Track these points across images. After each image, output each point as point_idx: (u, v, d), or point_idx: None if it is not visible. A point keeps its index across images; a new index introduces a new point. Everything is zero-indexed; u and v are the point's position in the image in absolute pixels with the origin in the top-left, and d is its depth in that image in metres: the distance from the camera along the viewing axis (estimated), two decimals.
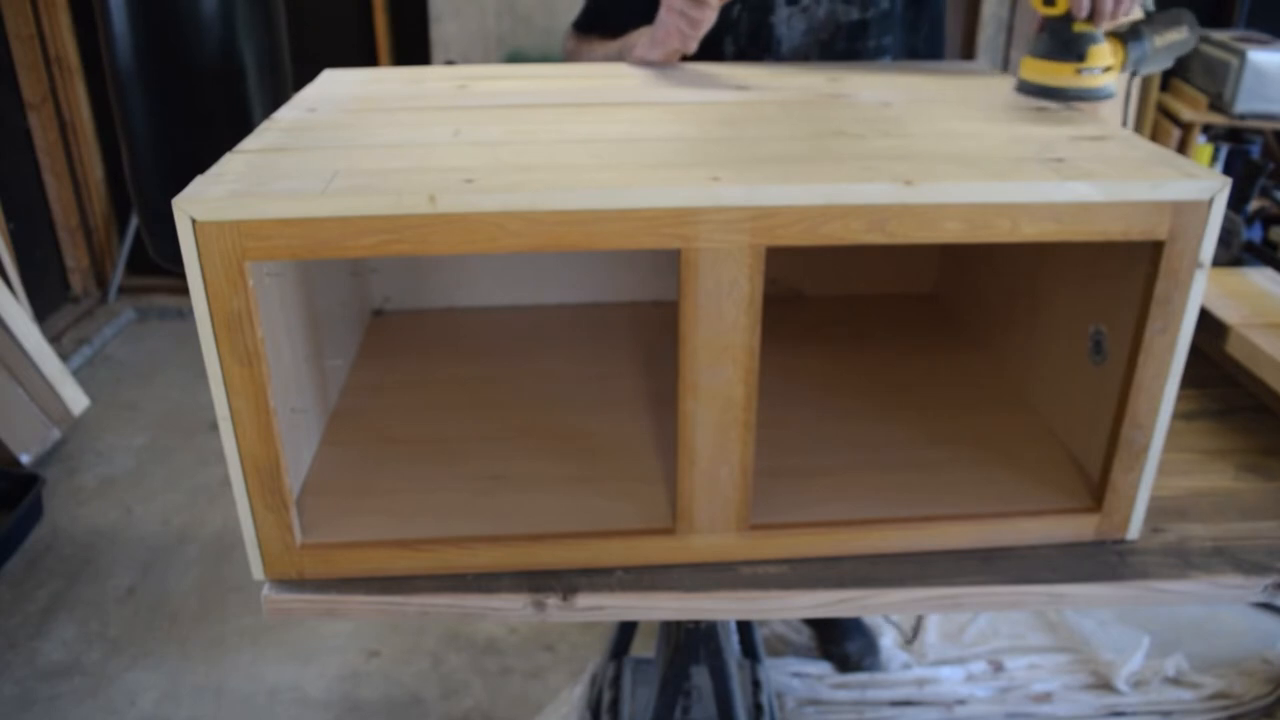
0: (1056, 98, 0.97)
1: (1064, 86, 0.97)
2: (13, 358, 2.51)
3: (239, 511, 0.79)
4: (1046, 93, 0.98)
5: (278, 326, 0.80)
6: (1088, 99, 0.97)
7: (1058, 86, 0.97)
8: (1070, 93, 0.97)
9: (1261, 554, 0.86)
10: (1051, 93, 0.97)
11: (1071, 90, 0.97)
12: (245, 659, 1.95)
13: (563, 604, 0.81)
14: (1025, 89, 1.00)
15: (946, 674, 1.89)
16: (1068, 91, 0.97)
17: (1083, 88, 0.96)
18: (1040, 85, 0.98)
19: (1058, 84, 0.97)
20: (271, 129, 0.88)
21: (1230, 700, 1.83)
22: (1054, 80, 0.97)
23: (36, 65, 3.05)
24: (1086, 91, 0.97)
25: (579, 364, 1.13)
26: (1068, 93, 0.97)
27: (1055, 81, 0.97)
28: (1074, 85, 0.96)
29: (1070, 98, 0.97)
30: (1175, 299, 0.76)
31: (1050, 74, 0.97)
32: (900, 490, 0.89)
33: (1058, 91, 0.97)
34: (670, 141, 0.83)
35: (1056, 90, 0.97)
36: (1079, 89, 0.96)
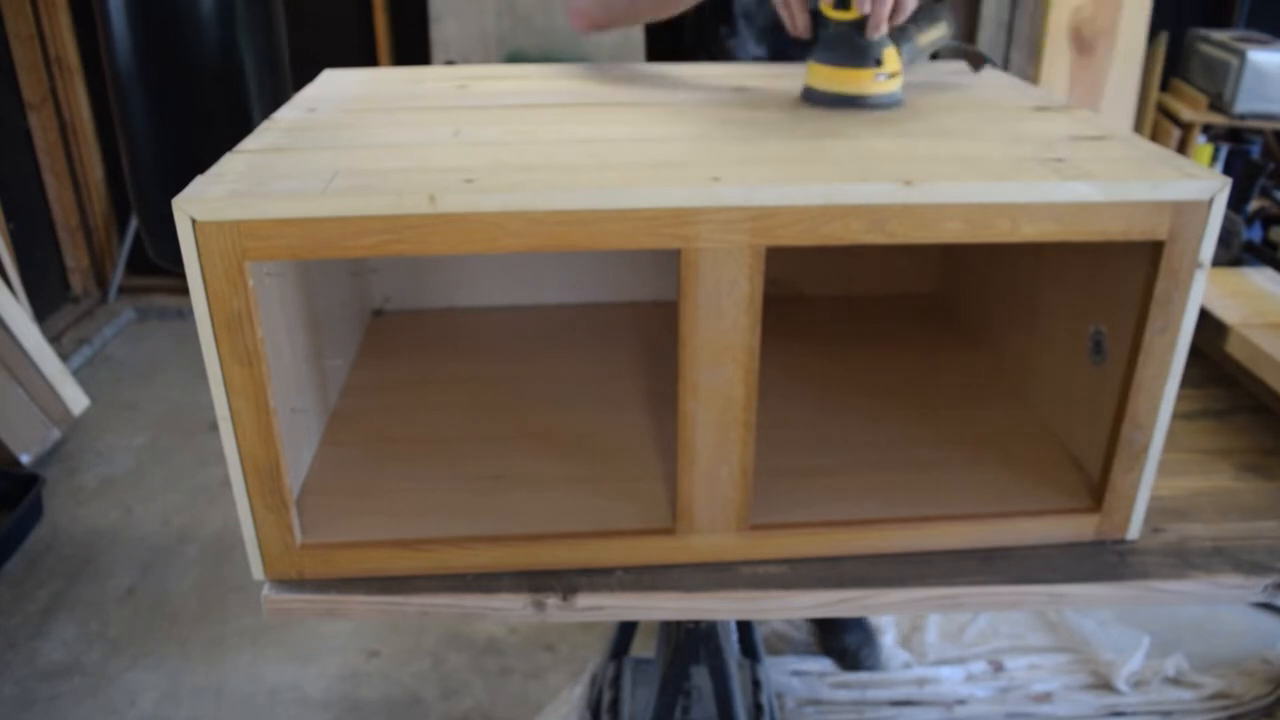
0: (856, 105, 0.94)
1: (865, 94, 0.94)
2: (13, 358, 2.51)
3: (239, 511, 0.79)
4: (846, 101, 0.95)
5: (278, 326, 0.80)
6: (887, 105, 0.95)
7: (858, 94, 0.94)
8: (872, 100, 0.94)
9: (1261, 554, 0.86)
10: (852, 101, 0.94)
11: (874, 97, 0.94)
12: (245, 659, 1.95)
13: (563, 604, 0.81)
14: (818, 98, 0.96)
15: (946, 674, 1.89)
16: (869, 99, 0.94)
17: (883, 93, 0.95)
18: (839, 94, 0.95)
19: (858, 91, 0.94)
20: (271, 129, 0.88)
21: (1230, 700, 1.83)
22: (854, 88, 0.94)
23: (36, 65, 3.05)
24: (887, 97, 0.95)
25: (579, 364, 1.13)
26: (869, 100, 0.94)
27: (855, 89, 0.94)
28: (875, 92, 0.94)
29: (872, 105, 0.94)
30: (1175, 299, 0.76)
31: (849, 81, 0.94)
32: (900, 490, 0.89)
33: (859, 99, 0.94)
34: (670, 141, 0.83)
35: (857, 98, 0.94)
36: (880, 95, 0.95)
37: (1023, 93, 1.03)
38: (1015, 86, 1.06)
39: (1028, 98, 1.00)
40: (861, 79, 0.94)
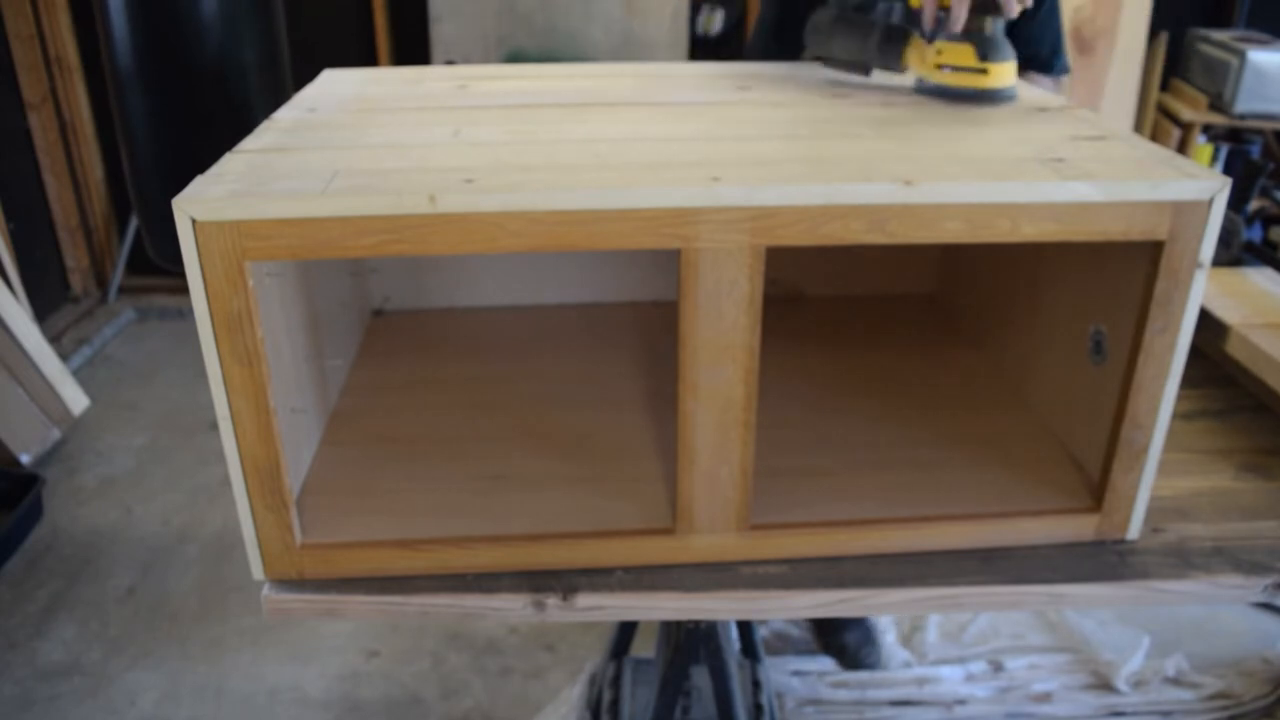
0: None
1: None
2: (13, 358, 2.51)
3: (239, 511, 0.79)
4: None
5: (278, 326, 0.80)
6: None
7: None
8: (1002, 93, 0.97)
9: (1261, 554, 0.86)
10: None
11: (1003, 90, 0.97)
12: (245, 659, 1.95)
13: (563, 604, 0.81)
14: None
15: (946, 674, 1.89)
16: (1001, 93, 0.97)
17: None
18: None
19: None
20: (271, 129, 0.88)
21: (1230, 700, 1.83)
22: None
23: (36, 65, 3.05)
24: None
25: (579, 364, 1.13)
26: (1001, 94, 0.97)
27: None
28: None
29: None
30: (1175, 299, 0.76)
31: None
32: (900, 490, 0.89)
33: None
34: (670, 141, 0.83)
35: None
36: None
37: (1022, 93, 1.03)
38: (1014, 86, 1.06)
39: (1028, 98, 1.00)
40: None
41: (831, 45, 1.04)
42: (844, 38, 1.03)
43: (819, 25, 1.05)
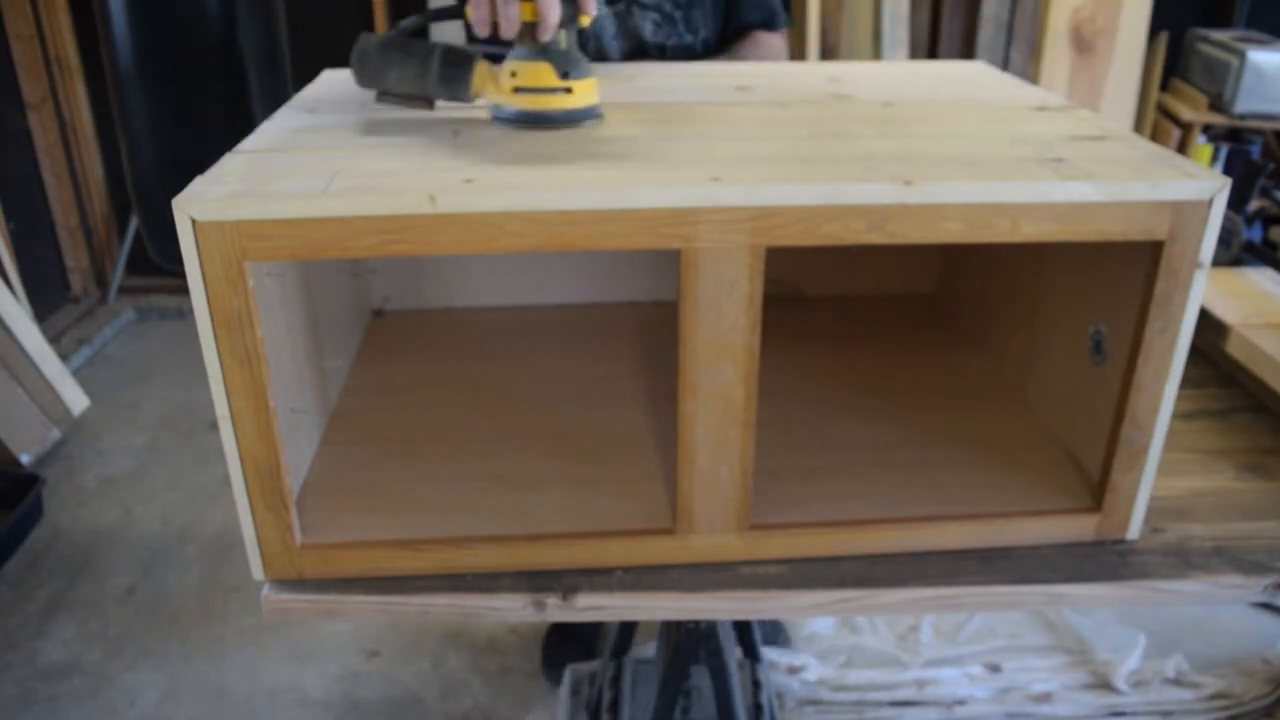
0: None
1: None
2: (13, 358, 2.51)
3: (239, 511, 0.79)
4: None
5: (278, 326, 0.80)
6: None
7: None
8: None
9: (1261, 554, 0.86)
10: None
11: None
12: (245, 659, 1.95)
13: (563, 604, 0.81)
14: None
15: (946, 675, 1.89)
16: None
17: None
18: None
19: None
20: (271, 129, 0.88)
21: (1230, 700, 1.83)
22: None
23: (36, 65, 3.05)
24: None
25: (579, 364, 1.13)
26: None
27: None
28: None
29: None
30: (1175, 299, 0.76)
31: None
32: (900, 490, 0.89)
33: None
34: (670, 141, 0.83)
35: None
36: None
37: (1022, 93, 1.03)
38: (1015, 86, 1.06)
39: (1028, 98, 1.00)
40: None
41: (385, 77, 0.88)
42: (399, 68, 0.87)
43: (366, 54, 0.88)
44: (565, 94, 0.86)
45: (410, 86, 0.88)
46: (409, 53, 0.87)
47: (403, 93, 0.88)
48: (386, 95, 0.89)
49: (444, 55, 0.87)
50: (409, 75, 0.87)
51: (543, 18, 0.82)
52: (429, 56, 0.87)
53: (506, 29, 0.84)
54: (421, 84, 0.87)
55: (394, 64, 0.87)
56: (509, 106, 0.88)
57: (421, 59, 0.87)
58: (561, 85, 0.86)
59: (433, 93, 0.88)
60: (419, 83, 0.87)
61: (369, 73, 0.88)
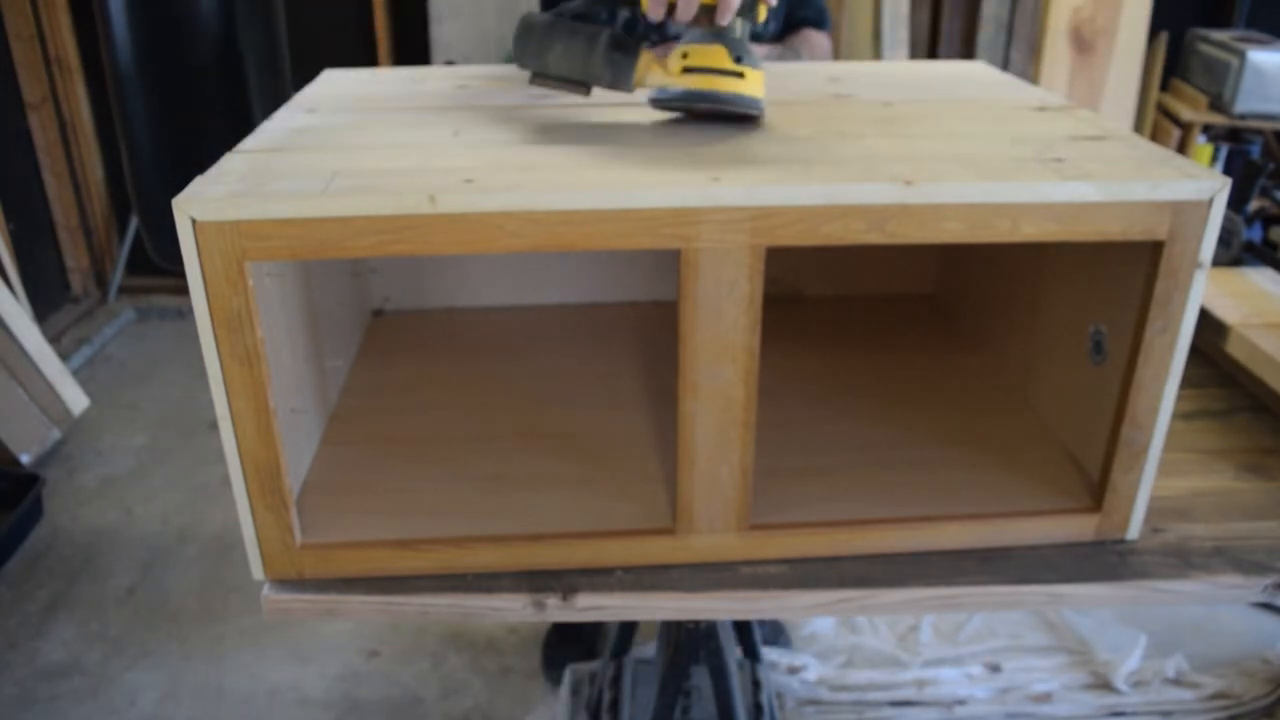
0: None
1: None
2: (13, 358, 2.51)
3: (239, 511, 0.79)
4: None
5: (278, 326, 0.80)
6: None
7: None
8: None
9: (1261, 554, 0.86)
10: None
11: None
12: (245, 659, 1.95)
13: (563, 604, 0.81)
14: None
15: (946, 675, 1.89)
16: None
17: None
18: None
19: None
20: (271, 129, 0.88)
21: (1230, 700, 1.83)
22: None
23: (36, 65, 3.05)
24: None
25: (579, 364, 1.13)
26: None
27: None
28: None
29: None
30: (1175, 299, 0.76)
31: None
32: (900, 490, 0.89)
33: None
34: (670, 141, 0.83)
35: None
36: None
37: (1022, 93, 1.03)
38: (1015, 86, 1.06)
39: (1028, 98, 1.00)
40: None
41: (547, 59, 0.85)
42: (563, 48, 0.85)
43: (530, 31, 0.85)
44: (737, 78, 0.83)
45: (572, 69, 0.85)
46: (575, 33, 0.84)
47: (561, 75, 0.86)
48: (543, 77, 0.87)
49: (611, 39, 0.84)
50: (573, 57, 0.85)
51: (724, 1, 0.81)
52: (595, 39, 0.84)
53: (684, 11, 0.81)
54: (585, 67, 0.85)
55: (558, 43, 0.85)
56: (675, 86, 0.84)
57: (588, 40, 0.84)
58: (734, 69, 0.83)
59: (595, 77, 0.85)
60: (582, 65, 0.85)
61: (529, 51, 0.86)
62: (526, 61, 0.87)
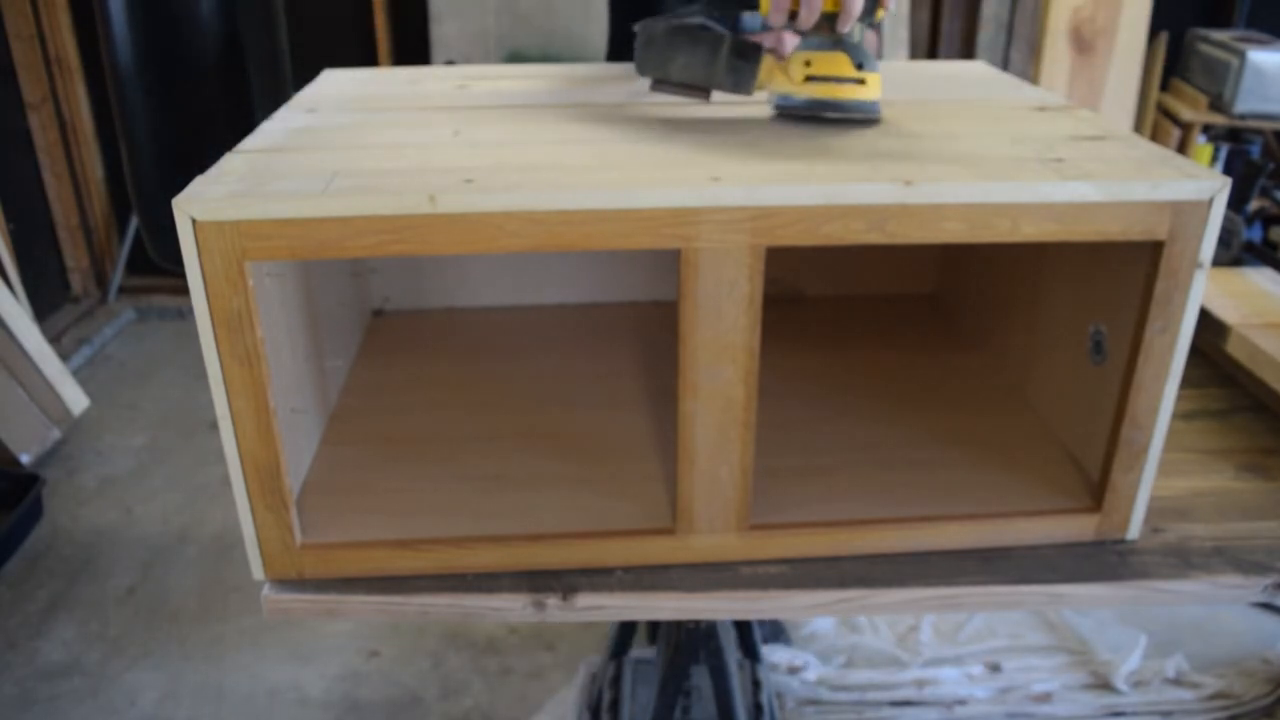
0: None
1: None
2: (13, 358, 2.51)
3: (239, 511, 0.79)
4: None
5: (278, 326, 0.80)
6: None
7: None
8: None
9: (1261, 554, 0.86)
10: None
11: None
12: (245, 659, 1.95)
13: (563, 604, 0.81)
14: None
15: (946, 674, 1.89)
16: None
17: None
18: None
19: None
20: (271, 129, 0.88)
21: (1230, 700, 1.83)
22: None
23: (36, 65, 3.05)
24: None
25: (579, 364, 1.13)
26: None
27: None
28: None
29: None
30: (1175, 299, 0.76)
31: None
32: (900, 490, 0.89)
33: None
34: (670, 141, 0.83)
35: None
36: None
37: (1022, 93, 1.03)
38: (1015, 86, 1.06)
39: (1028, 98, 1.00)
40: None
41: (669, 65, 0.87)
42: (686, 55, 0.86)
43: (653, 40, 0.86)
44: (859, 85, 0.84)
45: (695, 75, 0.87)
46: (698, 40, 0.86)
47: (684, 81, 0.87)
48: (664, 84, 0.89)
49: (733, 45, 0.85)
50: (696, 64, 0.86)
51: (846, 8, 0.81)
52: (718, 45, 0.85)
53: (807, 18, 0.82)
54: (708, 73, 0.86)
55: (681, 51, 0.86)
56: (799, 95, 0.86)
57: (710, 47, 0.85)
58: (856, 76, 0.84)
59: (718, 83, 0.87)
60: (705, 72, 0.86)
61: (652, 59, 0.88)
62: (648, 69, 0.88)
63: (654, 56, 0.87)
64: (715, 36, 0.86)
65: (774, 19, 0.83)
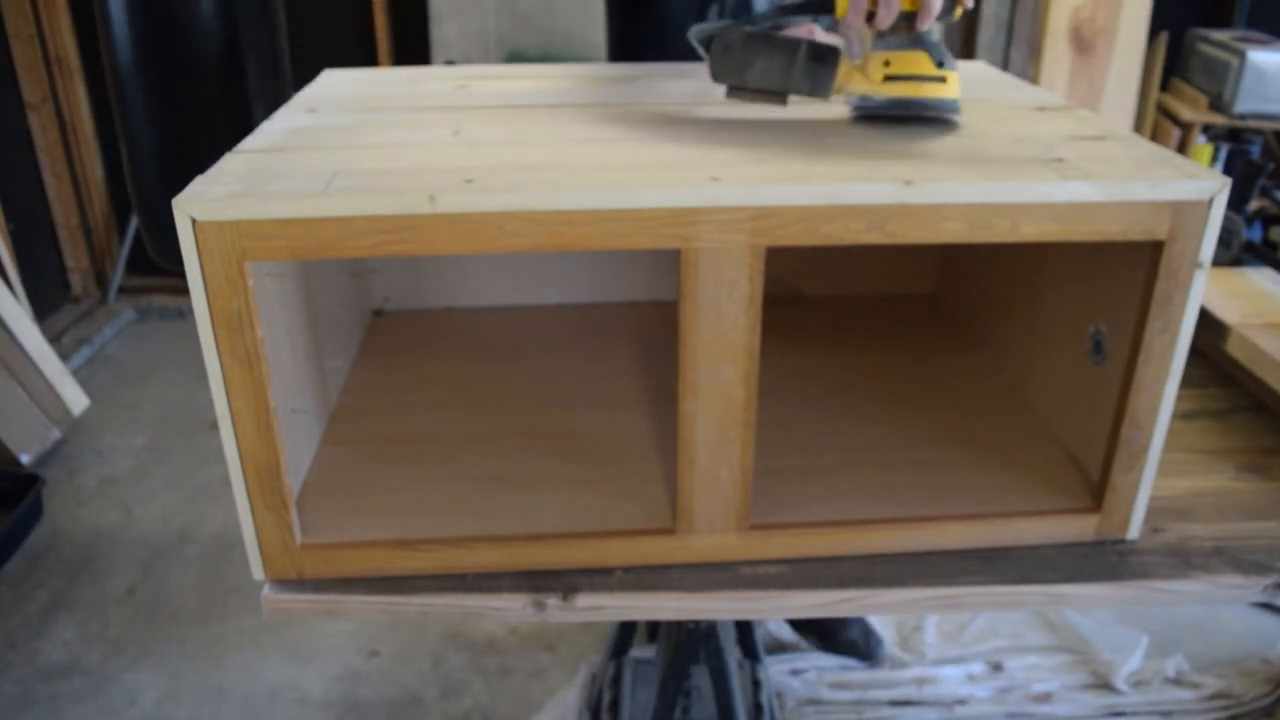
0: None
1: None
2: (13, 358, 2.51)
3: (239, 511, 0.79)
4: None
5: (278, 326, 0.80)
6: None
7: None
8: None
9: (1261, 554, 0.86)
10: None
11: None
12: (245, 659, 1.95)
13: (563, 604, 0.81)
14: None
15: (946, 674, 1.89)
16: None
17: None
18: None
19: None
20: (271, 129, 0.88)
21: (1230, 700, 1.83)
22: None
23: (36, 65, 3.05)
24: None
25: (579, 364, 1.13)
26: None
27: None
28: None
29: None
30: (1175, 299, 0.76)
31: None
32: (900, 490, 0.89)
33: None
34: (670, 141, 0.83)
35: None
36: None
37: (1022, 93, 1.03)
38: (1015, 86, 1.06)
39: (1027, 98, 1.00)
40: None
41: (746, 71, 0.87)
42: (764, 61, 0.86)
43: (730, 47, 0.87)
44: (940, 83, 0.85)
45: (773, 81, 0.87)
46: (775, 46, 0.86)
47: (761, 87, 0.87)
48: (740, 90, 0.88)
49: (810, 49, 0.85)
50: (774, 69, 0.86)
51: (926, 6, 0.81)
52: (795, 50, 0.85)
53: (885, 18, 0.82)
54: (785, 78, 0.86)
55: (759, 57, 0.86)
56: (879, 95, 0.86)
57: (787, 53, 0.85)
58: (937, 74, 0.84)
59: (796, 87, 0.86)
60: (783, 77, 0.86)
61: (730, 66, 0.87)
62: (725, 77, 0.88)
63: (731, 63, 0.87)
64: (791, 41, 0.86)
65: (852, 19, 0.84)
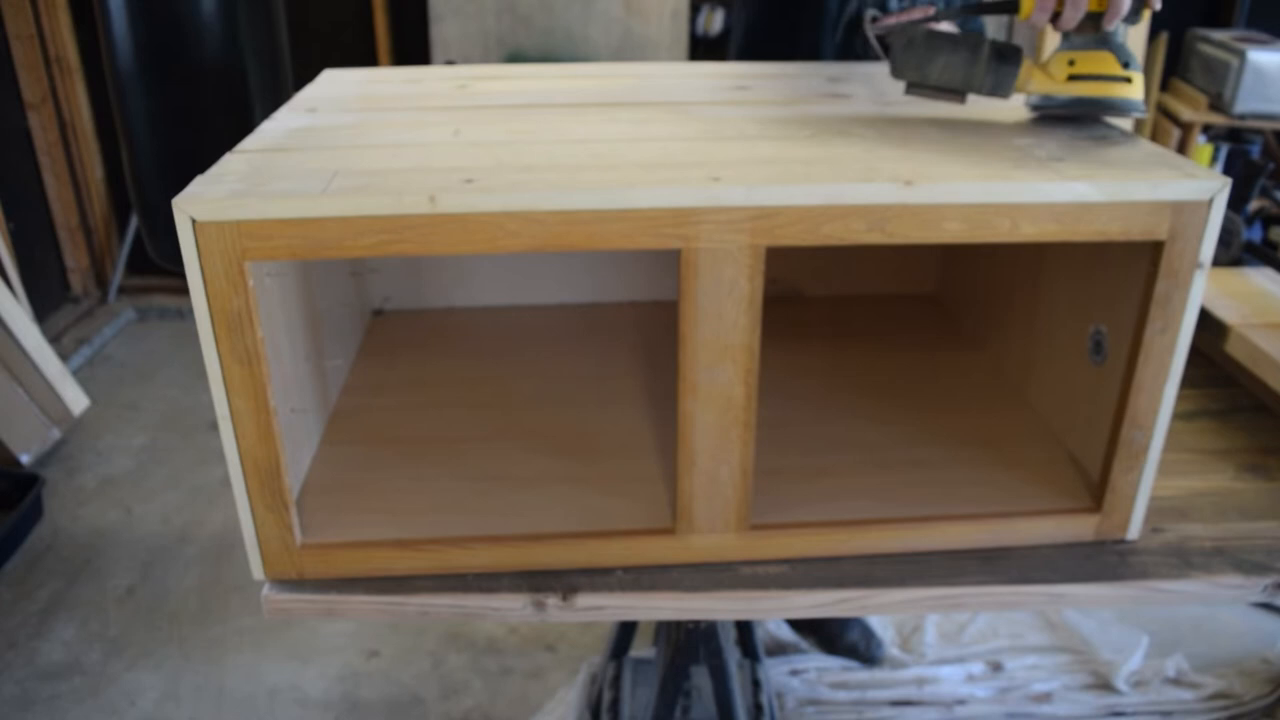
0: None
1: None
2: (13, 358, 2.51)
3: (239, 511, 0.79)
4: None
5: (278, 326, 0.80)
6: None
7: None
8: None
9: (1261, 554, 0.86)
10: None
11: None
12: (245, 659, 1.95)
13: (563, 604, 0.81)
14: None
15: (946, 674, 1.89)
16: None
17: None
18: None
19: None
20: (271, 129, 0.88)
21: (1230, 700, 1.83)
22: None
23: (36, 65, 3.05)
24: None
25: (579, 364, 1.13)
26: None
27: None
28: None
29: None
30: (1175, 299, 0.76)
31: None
32: (900, 490, 0.89)
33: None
34: (670, 141, 0.83)
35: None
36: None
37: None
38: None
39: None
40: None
41: (929, 69, 0.88)
42: (947, 58, 0.87)
43: (913, 44, 0.88)
44: (1125, 83, 0.85)
45: (954, 78, 0.88)
46: (958, 44, 0.87)
47: (942, 84, 0.88)
48: (919, 87, 0.90)
49: (994, 48, 0.86)
50: (956, 66, 0.87)
51: (1113, 6, 0.82)
52: (979, 48, 0.86)
53: (1071, 18, 0.82)
54: (968, 76, 0.87)
55: (942, 54, 0.87)
56: (1061, 95, 0.86)
57: (971, 50, 0.86)
58: (1123, 75, 0.85)
59: (978, 86, 0.87)
60: (965, 75, 0.87)
61: (912, 62, 0.89)
62: (907, 73, 0.89)
63: (913, 60, 0.88)
64: (975, 39, 0.87)
65: (1037, 19, 0.84)
